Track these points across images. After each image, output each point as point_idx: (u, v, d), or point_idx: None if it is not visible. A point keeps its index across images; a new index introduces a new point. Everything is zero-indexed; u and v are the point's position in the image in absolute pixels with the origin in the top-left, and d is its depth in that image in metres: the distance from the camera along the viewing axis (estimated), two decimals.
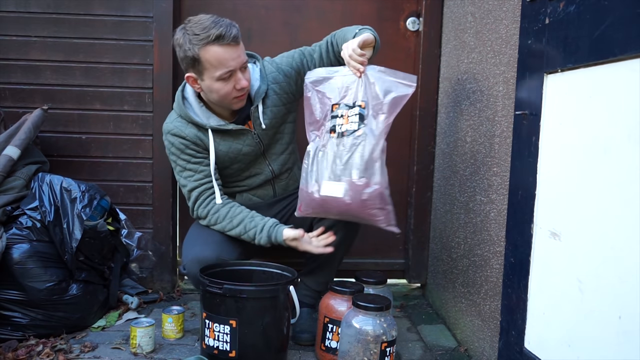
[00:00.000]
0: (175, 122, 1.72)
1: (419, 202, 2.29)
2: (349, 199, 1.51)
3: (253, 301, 1.50)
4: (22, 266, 1.69)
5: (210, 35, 1.52)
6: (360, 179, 1.50)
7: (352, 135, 1.54)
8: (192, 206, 1.74)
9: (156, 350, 1.70)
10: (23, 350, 1.62)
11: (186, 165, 1.72)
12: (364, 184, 1.50)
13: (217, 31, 1.52)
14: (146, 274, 2.21)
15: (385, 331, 1.47)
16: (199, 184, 1.72)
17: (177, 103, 1.73)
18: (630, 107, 0.91)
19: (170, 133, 1.71)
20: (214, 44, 1.53)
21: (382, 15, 2.28)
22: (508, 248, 1.32)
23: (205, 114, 1.71)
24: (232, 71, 1.58)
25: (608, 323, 0.95)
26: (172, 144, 1.71)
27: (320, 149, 1.61)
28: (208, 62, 1.56)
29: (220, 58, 1.55)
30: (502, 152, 1.53)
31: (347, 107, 1.57)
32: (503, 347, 1.33)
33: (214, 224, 1.72)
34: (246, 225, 1.69)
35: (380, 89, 1.53)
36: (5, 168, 1.78)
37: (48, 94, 2.15)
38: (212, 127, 1.69)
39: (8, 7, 2.11)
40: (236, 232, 1.71)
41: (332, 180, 1.55)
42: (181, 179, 1.74)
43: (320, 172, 1.59)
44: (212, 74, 1.58)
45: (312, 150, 1.62)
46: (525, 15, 1.26)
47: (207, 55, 1.55)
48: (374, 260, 2.37)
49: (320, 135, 1.63)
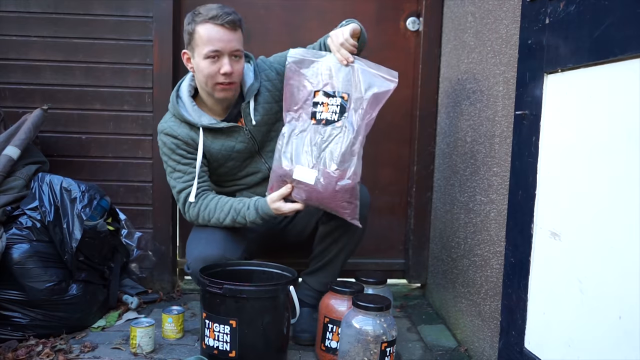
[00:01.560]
0: (169, 122, 1.73)
1: (419, 202, 2.29)
2: (321, 188, 1.54)
3: (253, 301, 1.50)
4: (22, 266, 1.69)
5: (208, 14, 1.60)
6: (335, 171, 1.53)
7: (332, 125, 1.56)
8: (183, 207, 1.74)
9: (156, 350, 1.70)
10: (23, 350, 1.62)
11: (176, 167, 1.73)
12: (338, 176, 1.53)
13: (216, 12, 1.60)
14: (146, 274, 2.21)
15: (385, 331, 1.47)
16: (186, 185, 1.72)
17: (171, 102, 1.75)
18: (630, 107, 0.91)
19: (163, 132, 1.73)
20: (209, 21, 1.60)
21: (382, 15, 2.28)
22: (508, 248, 1.32)
23: (197, 113, 1.72)
24: (218, 52, 1.61)
25: (608, 323, 0.95)
26: (165, 143, 1.73)
27: (297, 132, 1.62)
28: (200, 37, 1.61)
29: (210, 36, 1.60)
30: (502, 152, 1.53)
31: (328, 95, 1.59)
32: (503, 347, 1.33)
33: (208, 220, 1.72)
34: (236, 208, 1.70)
35: (363, 82, 1.54)
36: (5, 168, 1.78)
37: (48, 94, 2.15)
38: (203, 126, 1.71)
39: (8, 7, 2.11)
40: (230, 219, 1.70)
41: (307, 166, 1.57)
42: (171, 180, 1.75)
43: (295, 155, 1.60)
44: (201, 51, 1.62)
45: (287, 133, 1.63)
46: (525, 15, 1.26)
47: (200, 31, 1.61)
48: (374, 261, 2.37)
49: (296, 118, 1.64)
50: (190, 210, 1.73)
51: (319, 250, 1.82)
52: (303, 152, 1.59)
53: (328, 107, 1.58)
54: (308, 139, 1.59)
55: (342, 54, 1.57)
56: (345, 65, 1.58)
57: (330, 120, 1.57)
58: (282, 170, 1.61)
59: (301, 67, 1.64)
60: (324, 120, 1.58)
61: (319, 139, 1.57)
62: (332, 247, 1.79)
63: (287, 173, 1.60)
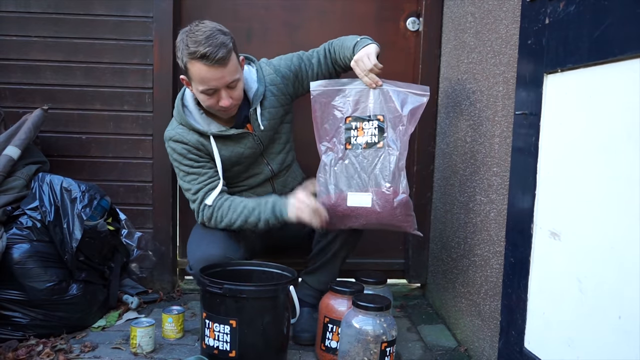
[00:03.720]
0: (177, 129, 1.72)
1: (419, 202, 2.28)
2: (379, 207, 1.59)
3: (253, 301, 1.50)
4: (22, 266, 1.69)
5: (197, 52, 1.53)
6: (389, 189, 1.59)
7: (374, 147, 1.62)
8: (198, 207, 1.73)
9: (156, 350, 1.70)
10: (23, 350, 1.62)
11: (189, 170, 1.72)
12: (393, 192, 1.59)
13: (204, 50, 1.52)
14: (146, 274, 2.21)
15: (385, 331, 1.47)
16: (203, 185, 1.72)
17: (177, 111, 1.74)
18: (630, 107, 0.91)
19: (172, 140, 1.72)
20: (199, 60, 1.54)
21: (382, 15, 2.28)
22: (508, 248, 1.32)
23: (205, 121, 1.72)
24: (213, 89, 1.60)
25: (608, 323, 0.95)
26: (174, 150, 1.72)
27: (337, 161, 1.65)
28: (193, 75, 1.59)
29: (203, 76, 1.57)
30: (502, 152, 1.53)
31: (362, 119, 1.64)
32: (503, 347, 1.33)
33: (220, 221, 1.71)
34: (249, 207, 1.69)
35: (397, 101, 1.60)
36: (5, 168, 1.78)
37: (48, 94, 2.15)
38: (213, 134, 1.70)
39: (8, 7, 2.11)
40: (242, 219, 1.69)
41: (357, 191, 1.61)
42: (185, 183, 1.74)
43: (342, 184, 1.63)
44: (197, 86, 1.61)
45: (328, 163, 1.66)
46: (525, 15, 1.26)
47: (193, 69, 1.57)
48: (374, 260, 2.37)
49: (332, 147, 1.66)
50: (205, 211, 1.72)
51: (318, 249, 1.82)
52: (350, 179, 1.63)
53: (364, 131, 1.63)
54: (351, 165, 1.63)
55: (371, 78, 1.62)
56: (373, 88, 1.63)
57: (371, 143, 1.63)
58: (333, 201, 1.63)
59: (326, 97, 1.67)
60: (364, 144, 1.63)
61: (364, 162, 1.62)
62: (331, 246, 1.79)
63: (339, 203, 1.62)
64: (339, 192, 1.63)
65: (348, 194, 1.62)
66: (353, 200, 1.61)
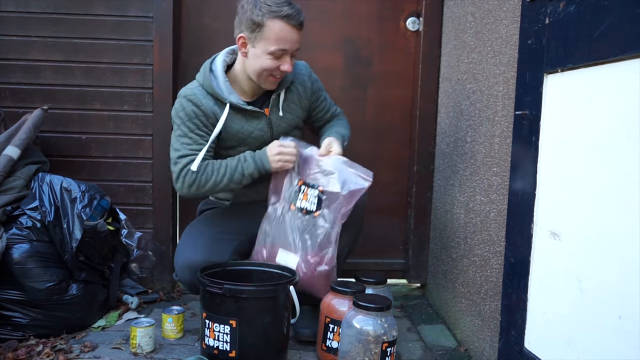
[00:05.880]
0: (195, 90, 1.71)
1: (419, 202, 2.29)
2: (301, 272, 1.68)
3: (253, 301, 1.50)
4: (22, 266, 1.69)
5: (282, 11, 1.57)
6: (314, 258, 1.67)
7: (311, 215, 1.69)
8: (180, 172, 1.67)
9: (156, 350, 1.70)
10: (23, 350, 1.62)
11: (187, 133, 1.68)
12: (316, 262, 1.67)
13: (290, 10, 1.58)
14: (146, 274, 2.21)
15: (385, 331, 1.47)
16: (191, 152, 1.68)
17: (202, 73, 1.73)
18: (630, 107, 0.91)
19: (186, 97, 1.69)
20: (282, 19, 1.58)
21: (382, 15, 2.28)
22: (508, 248, 1.32)
23: (228, 89, 1.71)
24: (285, 51, 1.62)
25: (608, 323, 0.95)
26: (184, 108, 1.68)
27: (281, 216, 1.73)
28: (269, 33, 1.59)
29: (281, 35, 1.60)
30: (502, 152, 1.53)
31: (309, 185, 1.71)
32: (503, 347, 1.33)
33: (204, 185, 1.67)
34: (231, 165, 1.69)
35: (339, 179, 1.67)
36: (5, 168, 1.78)
37: (48, 94, 2.15)
38: (231, 103, 1.70)
39: (8, 7, 2.11)
40: (227, 178, 1.68)
41: (289, 251, 1.70)
42: (177, 142, 1.69)
43: (277, 239, 1.73)
44: (267, 46, 1.61)
45: (273, 215, 1.75)
46: (525, 15, 1.26)
47: (271, 27, 1.59)
48: (374, 261, 2.37)
49: (280, 202, 1.75)
50: (187, 177, 1.66)
51: None
52: (286, 237, 1.71)
53: (307, 197, 1.70)
54: (289, 225, 1.72)
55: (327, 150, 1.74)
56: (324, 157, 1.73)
57: (309, 210, 1.70)
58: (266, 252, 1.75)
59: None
60: (304, 210, 1.70)
61: (301, 226, 1.70)
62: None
63: (272, 256, 1.72)
64: (273, 246, 1.73)
65: (279, 250, 1.72)
66: (282, 257, 1.71)
